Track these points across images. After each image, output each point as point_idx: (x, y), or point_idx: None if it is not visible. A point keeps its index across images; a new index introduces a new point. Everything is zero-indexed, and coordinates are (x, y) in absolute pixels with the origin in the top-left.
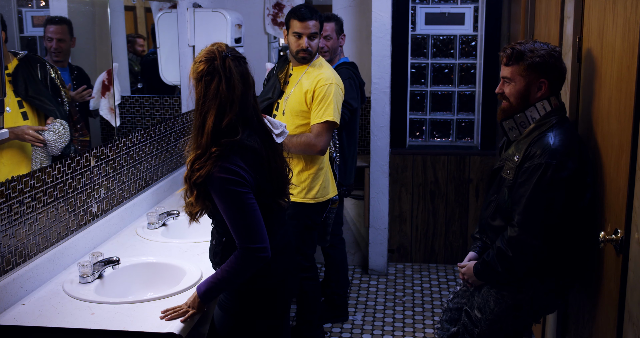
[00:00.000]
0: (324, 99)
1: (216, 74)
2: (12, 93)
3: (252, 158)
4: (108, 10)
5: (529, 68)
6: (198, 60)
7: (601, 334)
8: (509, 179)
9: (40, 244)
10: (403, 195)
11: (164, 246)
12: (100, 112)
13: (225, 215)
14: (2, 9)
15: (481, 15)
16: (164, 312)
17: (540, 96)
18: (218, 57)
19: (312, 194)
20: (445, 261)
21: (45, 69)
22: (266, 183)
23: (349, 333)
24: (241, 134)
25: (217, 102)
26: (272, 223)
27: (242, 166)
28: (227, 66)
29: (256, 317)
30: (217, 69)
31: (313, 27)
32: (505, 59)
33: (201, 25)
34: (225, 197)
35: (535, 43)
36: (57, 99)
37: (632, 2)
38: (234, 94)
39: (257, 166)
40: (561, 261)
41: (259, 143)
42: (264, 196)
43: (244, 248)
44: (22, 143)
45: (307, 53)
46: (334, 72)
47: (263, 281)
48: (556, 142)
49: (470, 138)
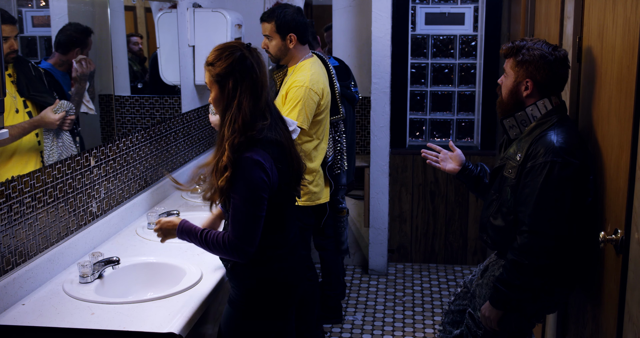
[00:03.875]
0: (291, 101)
1: (247, 61)
2: (17, 94)
3: (277, 150)
4: (108, 10)
5: (518, 65)
6: (220, 56)
7: (601, 334)
8: (511, 178)
9: (40, 244)
10: (403, 195)
11: (164, 246)
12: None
13: (234, 202)
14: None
15: (481, 15)
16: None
17: (529, 96)
18: (242, 48)
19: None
20: (445, 261)
21: (36, 67)
22: (288, 174)
23: (349, 333)
24: (269, 119)
25: (251, 87)
26: (288, 215)
27: (267, 158)
28: (255, 54)
29: (265, 314)
30: (247, 57)
31: (265, 29)
32: (504, 52)
33: (201, 25)
34: (248, 181)
35: (538, 43)
36: (55, 94)
37: (632, 2)
38: (265, 79)
39: (282, 158)
40: (565, 261)
41: (281, 135)
42: (284, 190)
43: (233, 240)
44: (29, 143)
45: (268, 53)
46: (312, 76)
47: (275, 277)
48: (559, 140)
49: (470, 138)
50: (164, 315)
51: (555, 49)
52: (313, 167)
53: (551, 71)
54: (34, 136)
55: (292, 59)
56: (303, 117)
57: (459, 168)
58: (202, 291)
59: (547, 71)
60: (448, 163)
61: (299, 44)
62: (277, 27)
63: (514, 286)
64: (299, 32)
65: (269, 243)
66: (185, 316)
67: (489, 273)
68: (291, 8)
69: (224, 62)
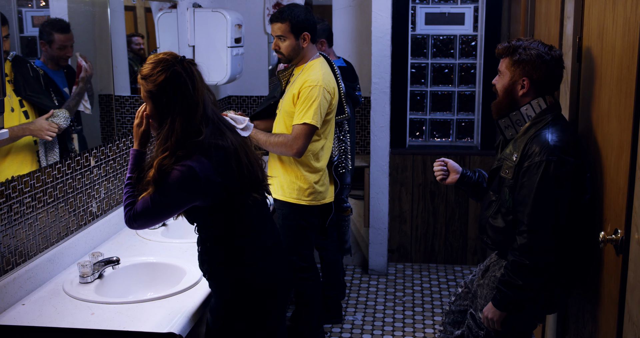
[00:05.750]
0: (305, 101)
1: (180, 78)
2: (13, 93)
3: (219, 154)
4: (108, 10)
5: (515, 64)
6: (152, 71)
7: (601, 334)
8: (509, 178)
9: (40, 244)
10: (403, 195)
11: (164, 246)
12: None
13: (155, 191)
14: (2, 8)
15: (481, 15)
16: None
17: (524, 95)
18: (176, 62)
19: (305, 195)
20: (445, 261)
21: (34, 68)
22: (236, 178)
23: (349, 333)
24: (204, 133)
25: (184, 106)
26: (254, 218)
27: (206, 164)
28: (189, 69)
29: (247, 321)
30: (180, 74)
31: (277, 29)
32: (500, 51)
33: (201, 25)
34: (166, 187)
35: (534, 42)
36: (52, 95)
37: (632, 2)
38: (199, 96)
39: (225, 162)
40: (564, 260)
41: (226, 140)
42: (237, 193)
43: (133, 216)
44: (26, 142)
45: (279, 54)
46: (324, 75)
47: (251, 283)
48: (554, 139)
49: (470, 137)
50: (164, 315)
51: (551, 49)
52: (320, 166)
53: (547, 70)
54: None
55: (303, 59)
56: (318, 117)
57: (457, 176)
58: (202, 292)
59: (543, 70)
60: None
61: (311, 43)
62: (291, 27)
63: (517, 286)
64: (312, 31)
65: (239, 247)
66: (185, 316)
67: (490, 273)
68: (301, 7)
69: (156, 78)
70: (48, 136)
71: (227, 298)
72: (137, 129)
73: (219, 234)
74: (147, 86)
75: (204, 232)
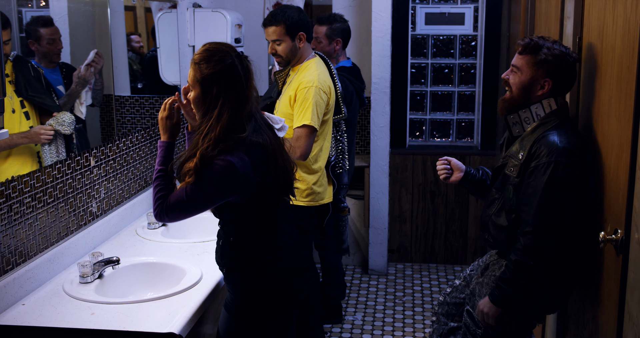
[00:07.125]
0: (303, 103)
1: (236, 72)
2: (14, 94)
3: (258, 153)
4: (108, 10)
5: (539, 63)
6: (210, 59)
7: (601, 334)
8: (513, 176)
9: (40, 244)
10: (403, 195)
11: (164, 246)
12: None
13: (191, 184)
14: (2, 8)
15: (481, 15)
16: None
17: (541, 95)
18: (234, 55)
19: (303, 196)
20: (445, 261)
21: (35, 68)
22: (273, 178)
23: (349, 333)
24: (248, 130)
25: (234, 99)
26: (280, 220)
27: (246, 161)
28: (245, 64)
29: (262, 318)
30: (237, 67)
31: (272, 33)
32: (520, 48)
33: (201, 25)
34: (211, 181)
35: (556, 43)
36: (53, 95)
37: (632, 2)
38: (250, 92)
39: (264, 161)
40: (565, 260)
41: (265, 138)
42: (270, 193)
43: (165, 209)
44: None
45: (278, 57)
46: (319, 75)
47: (269, 281)
48: (563, 140)
49: (470, 137)
50: (164, 315)
51: (572, 51)
52: (317, 167)
53: (569, 72)
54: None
55: (299, 59)
56: (316, 118)
57: (461, 174)
58: (202, 292)
59: (566, 71)
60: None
61: (307, 43)
62: (287, 29)
63: (518, 285)
64: (307, 30)
65: (261, 246)
66: (185, 316)
67: (489, 272)
68: (293, 8)
69: (212, 67)
70: (44, 139)
71: (244, 294)
72: (165, 121)
73: (244, 231)
74: (199, 71)
75: (230, 227)
